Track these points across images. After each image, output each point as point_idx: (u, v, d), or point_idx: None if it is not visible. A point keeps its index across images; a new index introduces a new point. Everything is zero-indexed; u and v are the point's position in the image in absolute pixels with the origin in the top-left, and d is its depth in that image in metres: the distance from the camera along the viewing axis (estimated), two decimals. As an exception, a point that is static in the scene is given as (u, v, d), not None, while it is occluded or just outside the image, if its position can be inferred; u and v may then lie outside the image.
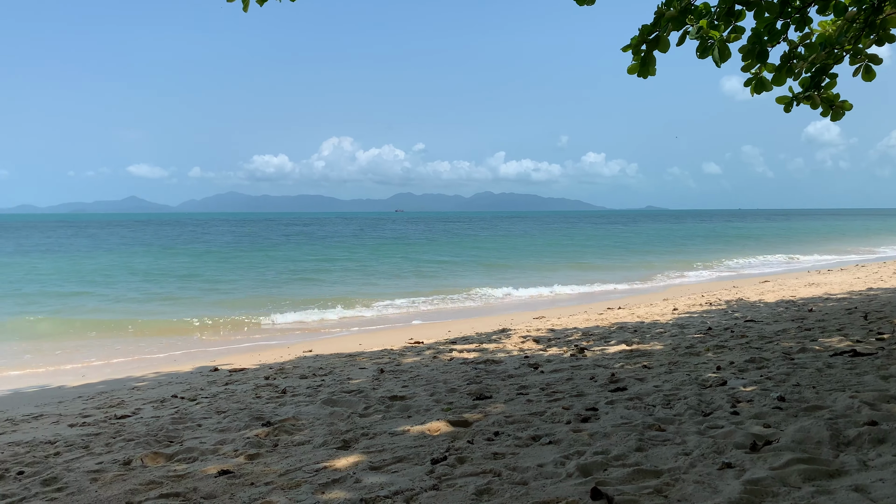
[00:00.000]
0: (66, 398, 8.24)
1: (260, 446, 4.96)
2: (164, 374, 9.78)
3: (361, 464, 4.31)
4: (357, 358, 9.75)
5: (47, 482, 4.44)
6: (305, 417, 5.84)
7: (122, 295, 21.38)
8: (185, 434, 5.56)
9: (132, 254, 40.90)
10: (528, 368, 7.54)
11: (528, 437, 4.64)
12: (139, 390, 8.36)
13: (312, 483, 3.99)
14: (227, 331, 14.77)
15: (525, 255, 39.82)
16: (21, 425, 6.59)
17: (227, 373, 9.33)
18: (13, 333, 14.48)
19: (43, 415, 7.08)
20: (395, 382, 7.33)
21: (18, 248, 46.58)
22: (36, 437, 5.92)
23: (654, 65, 6.82)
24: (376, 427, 5.31)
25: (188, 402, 7.13)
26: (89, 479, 4.42)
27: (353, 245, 49.79)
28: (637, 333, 10.02)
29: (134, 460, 4.79)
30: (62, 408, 7.50)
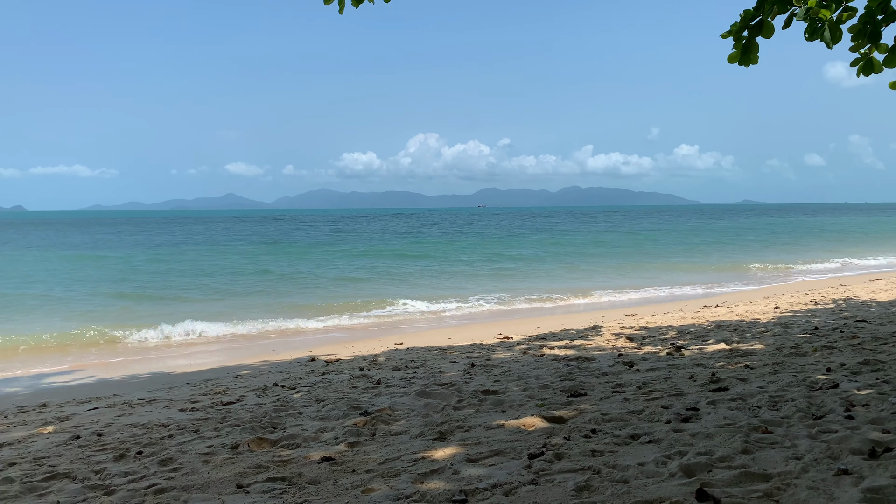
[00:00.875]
0: (175, 384, 8.72)
1: (359, 435, 5.09)
2: (265, 364, 10.19)
3: (458, 455, 4.35)
4: (447, 352, 9.84)
5: (164, 462, 4.72)
6: (401, 408, 5.94)
7: (223, 287, 22.38)
8: (287, 421, 5.77)
9: (234, 251, 42.73)
10: (623, 366, 7.40)
11: (627, 436, 4.56)
12: (242, 378, 8.75)
13: (412, 472, 4.07)
14: (318, 322, 15.20)
15: (614, 250, 39.02)
16: (136, 408, 7.03)
17: (324, 363, 9.62)
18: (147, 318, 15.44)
19: (155, 399, 7.52)
20: (487, 377, 7.35)
21: (172, 240, 49.59)
22: (151, 420, 6.30)
23: (757, 52, 6.52)
24: (471, 420, 5.35)
25: (288, 391, 7.39)
26: (201, 461, 4.66)
27: (435, 240, 50.16)
28: (737, 332, 9.64)
29: (241, 445, 5.02)
30: (172, 393, 7.94)
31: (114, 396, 8.02)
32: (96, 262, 32.48)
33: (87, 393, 8.49)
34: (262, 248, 42.41)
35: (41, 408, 7.53)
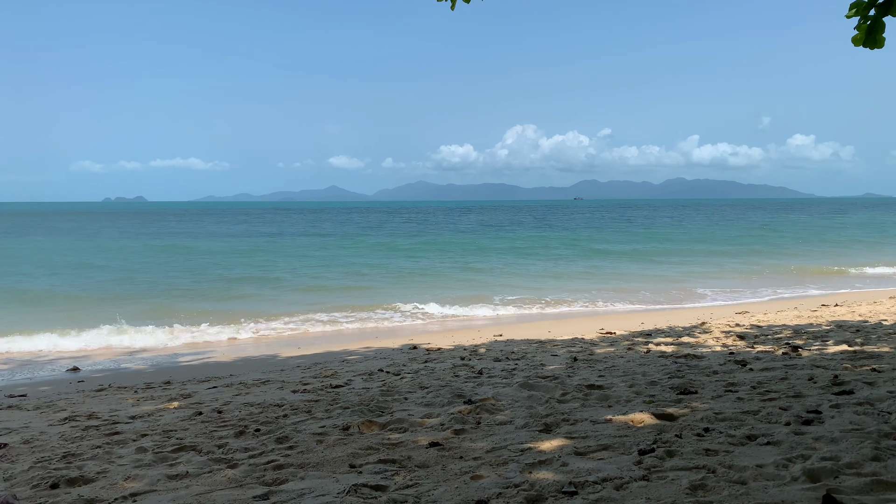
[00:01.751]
0: (287, 367, 9.11)
1: (464, 423, 5.15)
2: (369, 350, 10.47)
3: (566, 448, 4.33)
4: (548, 345, 9.78)
5: (280, 440, 4.95)
6: (504, 399, 5.97)
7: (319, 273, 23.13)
8: (394, 406, 5.92)
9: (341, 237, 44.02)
10: (735, 365, 7.11)
11: (743, 436, 4.38)
12: (348, 363, 9.03)
13: (519, 462, 4.08)
14: (414, 310, 15.43)
15: (720, 246, 37.42)
16: (252, 389, 7.40)
17: (425, 351, 9.78)
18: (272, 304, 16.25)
19: (269, 381, 7.89)
20: (591, 371, 7.26)
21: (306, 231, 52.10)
22: (266, 400, 6.62)
23: (883, 32, 6.05)
24: (576, 414, 5.30)
25: (393, 377, 7.58)
26: (315, 441, 4.86)
27: (527, 234, 49.76)
28: (860, 333, 9.05)
29: (351, 427, 5.19)
30: (284, 375, 8.30)
31: (230, 377, 8.47)
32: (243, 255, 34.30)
33: (207, 372, 9.02)
34: (354, 239, 43.49)
35: (166, 385, 8.06)
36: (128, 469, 4.38)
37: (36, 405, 7.08)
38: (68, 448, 5.05)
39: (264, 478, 4.05)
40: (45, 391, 8.20)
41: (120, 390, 7.82)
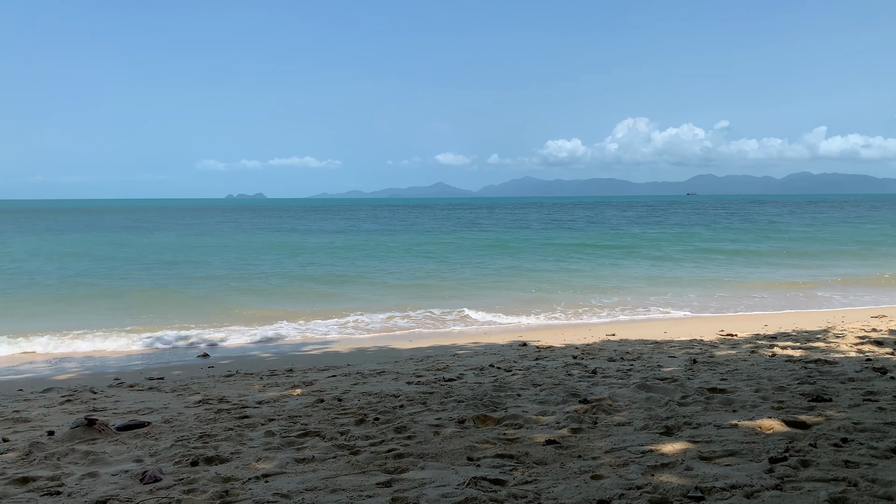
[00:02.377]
0: (401, 359, 9.33)
1: (580, 422, 5.09)
2: (479, 345, 10.54)
3: (689, 452, 4.19)
4: (664, 346, 9.48)
5: (399, 430, 5.08)
6: (621, 399, 5.85)
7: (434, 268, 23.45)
8: (507, 402, 5.93)
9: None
10: (873, 373, 6.62)
11: (887, 449, 4.08)
12: (460, 357, 9.13)
13: (640, 464, 3.99)
14: (521, 308, 15.36)
15: (853, 245, 34.89)
16: (369, 379, 7.63)
17: (535, 348, 9.73)
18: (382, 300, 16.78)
19: (384, 371, 8.11)
20: (712, 374, 6.98)
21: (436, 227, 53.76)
22: (382, 390, 6.81)
23: None
24: (699, 417, 5.11)
25: (504, 373, 7.59)
26: (432, 432, 4.95)
27: (632, 230, 48.26)
28: None
29: (466, 420, 5.25)
30: (398, 367, 8.50)
31: (347, 366, 8.77)
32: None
33: (326, 362, 9.38)
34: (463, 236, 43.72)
35: (288, 372, 8.45)
36: (259, 451, 4.64)
37: (172, 388, 7.61)
38: (203, 429, 5.40)
39: (386, 465, 4.17)
40: (179, 375, 8.80)
41: (246, 376, 8.27)
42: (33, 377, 9.18)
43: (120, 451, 4.82)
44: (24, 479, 4.18)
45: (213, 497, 3.67)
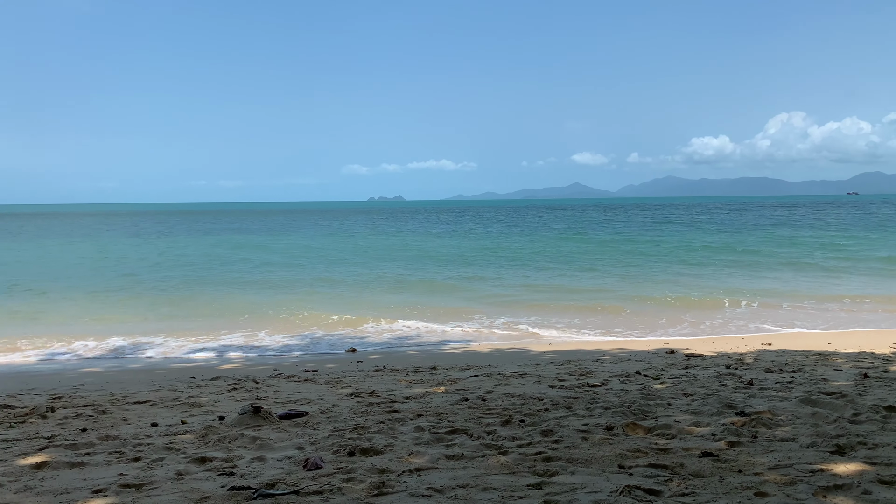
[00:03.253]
0: (541, 362, 9.28)
1: (738, 435, 4.83)
2: (622, 351, 10.28)
3: (866, 474, 3.85)
4: (829, 358, 8.79)
5: (545, 433, 5.06)
6: (782, 413, 5.48)
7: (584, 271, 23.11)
8: (657, 411, 5.73)
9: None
10: None
11: None
12: (602, 363, 8.95)
13: (810, 483, 3.72)
14: (672, 315, 14.76)
15: None
16: (511, 380, 7.66)
17: (684, 356, 9.34)
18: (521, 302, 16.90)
19: (525, 374, 8.10)
20: (887, 391, 6.38)
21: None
22: (525, 392, 6.81)
23: None
24: (875, 437, 4.68)
25: (652, 381, 7.35)
26: (580, 437, 4.89)
27: (805, 234, 44.77)
28: None
29: (615, 427, 5.13)
30: (539, 370, 8.47)
31: (489, 367, 8.85)
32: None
33: (467, 361, 9.52)
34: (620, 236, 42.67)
35: (432, 370, 8.66)
36: (410, 445, 4.79)
37: (326, 380, 8.03)
38: (357, 421, 5.65)
39: (535, 468, 4.17)
40: (331, 368, 9.26)
41: (393, 372, 8.57)
42: (203, 365, 10.02)
43: (282, 438, 5.15)
44: (202, 459, 4.58)
45: (371, 487, 3.83)
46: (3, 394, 7.70)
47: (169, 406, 6.66)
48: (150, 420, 5.99)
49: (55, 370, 10.03)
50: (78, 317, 15.19)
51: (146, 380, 8.68)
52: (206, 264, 27.68)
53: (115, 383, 8.41)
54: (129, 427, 5.75)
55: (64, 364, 10.66)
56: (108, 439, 5.28)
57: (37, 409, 6.54)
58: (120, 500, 3.73)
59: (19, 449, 5.05)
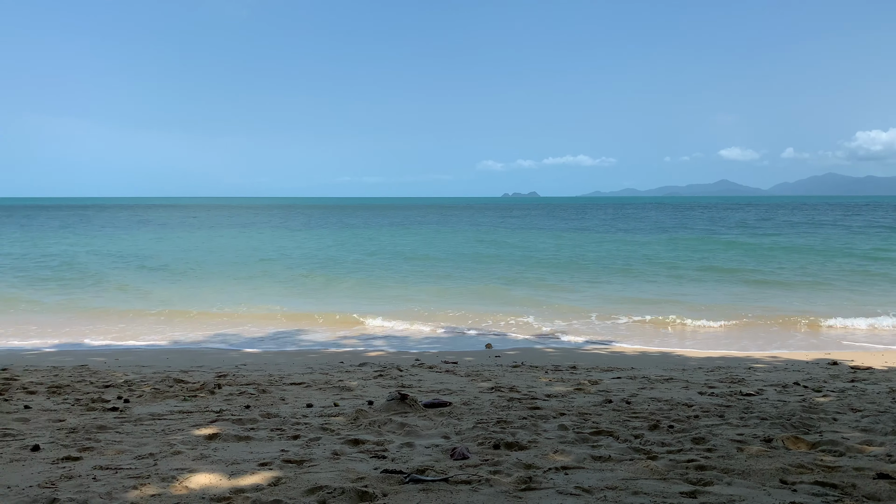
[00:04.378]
0: (688, 367, 8.91)
1: (920, 458, 4.39)
2: (777, 360, 9.65)
3: None
4: None
5: (696, 441, 4.85)
6: (972, 438, 4.91)
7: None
8: (820, 425, 5.33)
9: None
10: None
11: None
12: (756, 371, 8.44)
13: None
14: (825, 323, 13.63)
15: None
16: (656, 384, 7.41)
17: (849, 369, 8.62)
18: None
19: (672, 378, 7.81)
20: None
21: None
22: (673, 398, 6.56)
23: None
24: None
25: (813, 393, 6.84)
26: (735, 447, 4.64)
27: None
28: None
29: (775, 440, 4.83)
30: (686, 375, 8.13)
31: (632, 369, 8.61)
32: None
33: (608, 362, 9.32)
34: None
35: (572, 369, 8.56)
36: (554, 443, 4.76)
37: (466, 373, 8.16)
38: (500, 415, 5.69)
39: (687, 476, 4.01)
40: (470, 361, 9.40)
41: (532, 369, 8.56)
42: (351, 351, 10.51)
43: (428, 426, 5.29)
44: (355, 441, 4.81)
45: (518, 482, 3.85)
46: (177, 369, 8.48)
47: (321, 389, 7.05)
48: (305, 401, 6.37)
49: (220, 350, 10.92)
50: (239, 299, 16.41)
51: (300, 363, 9.24)
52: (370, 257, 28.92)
53: (272, 365, 9.02)
54: (286, 406, 6.14)
55: (228, 344, 11.56)
56: (269, 417, 5.67)
57: (206, 386, 7.15)
58: (283, 474, 4.00)
59: (193, 420, 5.54)
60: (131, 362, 9.27)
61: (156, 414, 5.80)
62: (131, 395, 6.62)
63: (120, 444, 4.77)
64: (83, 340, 11.81)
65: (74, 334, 12.35)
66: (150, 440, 4.88)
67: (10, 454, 4.48)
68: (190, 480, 3.86)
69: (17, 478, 3.97)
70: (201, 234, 46.33)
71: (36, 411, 5.89)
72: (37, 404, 6.17)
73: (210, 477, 3.94)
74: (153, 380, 7.54)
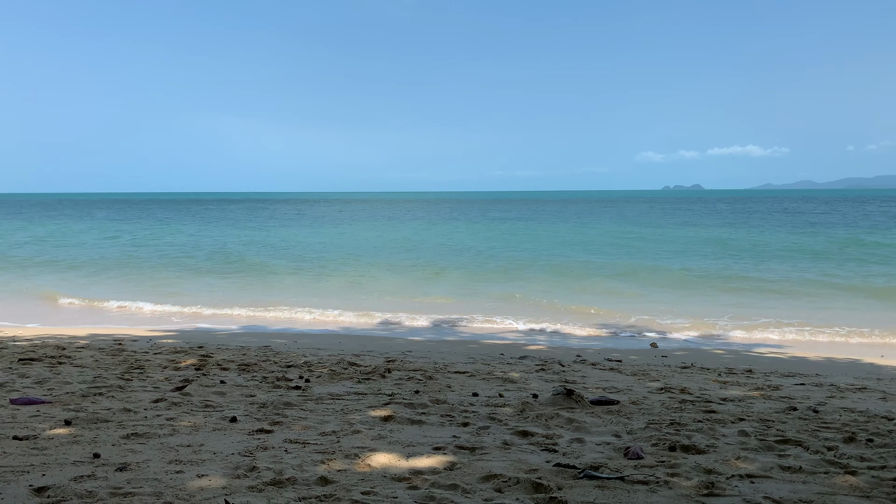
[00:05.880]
0: (884, 376, 8.06)
1: None
2: None
3: None
4: None
5: (902, 457, 4.37)
6: None
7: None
8: None
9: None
10: None
11: None
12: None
13: None
14: None
15: None
16: (846, 393, 6.77)
17: None
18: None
19: (866, 388, 7.10)
20: None
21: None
22: (869, 409, 5.96)
23: None
24: None
25: None
26: (950, 469, 4.13)
27: None
28: None
29: None
30: (882, 385, 7.36)
31: (816, 376, 7.94)
32: None
33: (788, 367, 8.66)
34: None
35: (748, 373, 8.03)
36: (735, 449, 4.49)
37: (632, 371, 7.92)
38: (672, 417, 5.46)
39: (894, 496, 3.63)
40: (635, 360, 9.11)
41: (703, 371, 8.14)
42: (510, 344, 10.57)
43: (597, 424, 5.19)
44: (524, 433, 4.82)
45: (700, 486, 3.67)
46: (349, 353, 8.96)
47: (485, 379, 7.14)
48: (470, 390, 6.49)
49: (386, 336, 11.40)
50: (405, 292, 17.06)
51: (461, 352, 9.43)
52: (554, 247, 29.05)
53: (435, 353, 9.27)
54: (453, 394, 6.29)
55: (392, 331, 12.06)
56: (438, 403, 5.83)
57: (377, 370, 7.49)
58: (458, 460, 4.09)
59: (368, 402, 5.82)
60: (308, 345, 9.92)
61: (334, 394, 6.16)
62: (311, 376, 7.08)
63: (305, 420, 5.12)
64: (263, 324, 12.83)
65: (256, 319, 13.46)
66: (331, 418, 5.19)
67: (213, 424, 4.95)
68: (371, 459, 4.06)
69: (221, 445, 4.38)
70: (392, 226, 48.61)
71: (230, 386, 6.47)
72: (230, 380, 6.77)
73: (389, 457, 4.12)
74: (329, 362, 8.02)
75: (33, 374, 6.76)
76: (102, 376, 6.76)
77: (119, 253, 28.12)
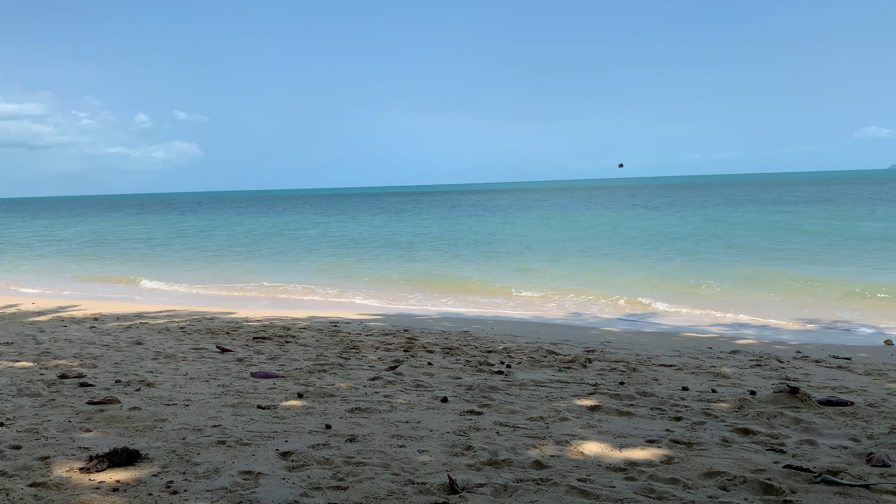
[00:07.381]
0: None
1: None
2: None
3: None
4: None
5: None
6: None
7: None
8: None
9: None
10: None
11: None
12: None
13: None
14: None
15: None
16: None
17: None
18: None
19: None
20: None
21: None
22: None
23: None
24: None
25: None
26: None
27: None
28: None
29: None
30: None
31: None
32: None
33: None
34: None
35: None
36: None
37: (865, 370, 7.12)
38: (921, 423, 4.83)
39: None
40: (865, 358, 8.18)
41: (954, 374, 7.10)
42: (716, 337, 9.97)
43: (829, 426, 4.73)
44: (745, 430, 4.51)
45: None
46: (546, 341, 8.97)
47: (694, 373, 6.79)
48: (679, 384, 6.20)
49: (582, 326, 11.26)
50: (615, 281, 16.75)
51: (664, 344, 9.06)
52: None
53: (635, 344, 8.99)
54: (660, 387, 6.05)
55: (587, 321, 11.89)
56: (645, 395, 5.64)
57: (577, 359, 7.42)
58: (674, 454, 3.93)
59: (572, 391, 5.78)
60: (504, 332, 10.07)
61: (536, 381, 6.20)
62: (511, 361, 7.19)
63: (511, 404, 5.20)
64: (460, 309, 13.25)
65: (457, 303, 13.92)
66: (536, 404, 5.22)
67: (426, 402, 5.20)
68: (583, 447, 4.03)
69: (436, 423, 4.59)
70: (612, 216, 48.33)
71: (437, 368, 6.75)
72: (436, 362, 7.07)
73: (600, 446, 4.06)
74: (527, 349, 8.08)
75: (266, 351, 7.54)
76: (324, 355, 7.36)
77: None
